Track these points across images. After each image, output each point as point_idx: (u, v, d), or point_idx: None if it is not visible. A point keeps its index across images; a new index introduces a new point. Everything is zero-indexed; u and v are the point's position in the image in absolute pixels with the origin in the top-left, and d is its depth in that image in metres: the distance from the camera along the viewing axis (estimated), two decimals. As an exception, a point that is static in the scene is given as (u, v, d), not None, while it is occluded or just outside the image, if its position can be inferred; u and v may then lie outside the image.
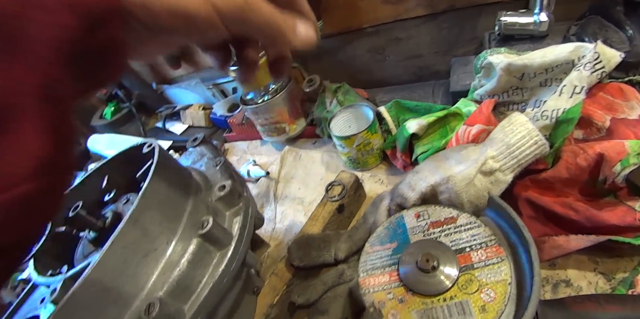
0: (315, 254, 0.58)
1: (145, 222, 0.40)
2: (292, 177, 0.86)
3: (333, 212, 0.64)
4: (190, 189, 0.48)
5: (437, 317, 0.39)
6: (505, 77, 0.63)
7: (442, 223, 0.46)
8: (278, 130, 0.92)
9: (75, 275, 0.37)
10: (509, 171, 0.50)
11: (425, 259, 0.41)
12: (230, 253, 0.44)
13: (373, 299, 0.42)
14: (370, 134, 0.74)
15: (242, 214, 0.48)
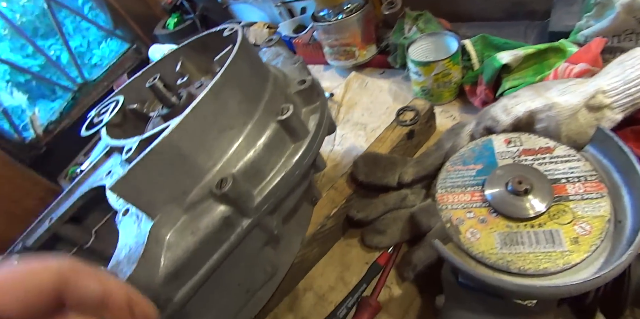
0: (380, 175, 0.56)
1: (226, 97, 0.38)
2: (356, 104, 0.82)
3: (402, 137, 0.61)
4: (268, 77, 0.45)
5: (522, 242, 0.36)
6: (624, 16, 0.56)
7: (536, 152, 0.42)
8: (347, 53, 0.87)
9: (152, 137, 0.36)
10: (619, 109, 0.44)
11: (518, 181, 0.38)
12: (305, 147, 0.42)
13: (451, 215, 0.39)
14: (452, 65, 0.68)
15: (319, 112, 0.45)
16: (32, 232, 0.53)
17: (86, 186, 0.53)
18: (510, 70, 0.61)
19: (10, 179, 1.22)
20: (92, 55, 1.51)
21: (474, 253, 0.36)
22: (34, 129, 1.32)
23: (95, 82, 1.41)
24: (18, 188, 1.23)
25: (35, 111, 1.35)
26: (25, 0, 1.38)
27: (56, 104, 1.40)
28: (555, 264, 0.34)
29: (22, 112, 1.35)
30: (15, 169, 1.23)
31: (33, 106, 1.37)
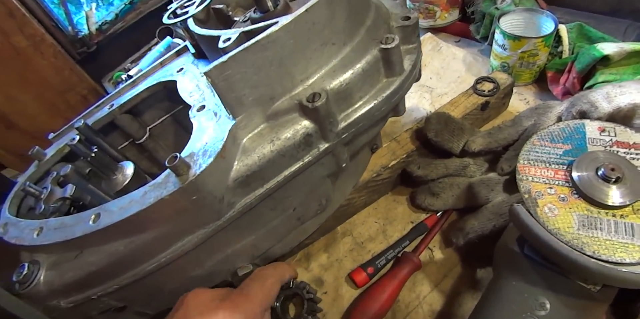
0: (448, 137, 0.54)
1: (336, 8, 0.36)
2: (426, 65, 0.79)
3: (476, 106, 0.58)
4: (370, 4, 0.42)
5: (600, 228, 0.34)
6: None
7: (630, 146, 0.39)
8: (427, 11, 0.83)
9: (255, 31, 0.34)
10: None
11: (611, 168, 0.36)
12: (398, 84, 0.40)
13: (530, 187, 0.38)
14: (543, 46, 0.65)
15: (415, 53, 0.43)
16: (92, 113, 0.53)
17: (153, 80, 0.52)
18: (608, 63, 0.58)
19: (59, 71, 1.22)
20: None
21: (549, 228, 0.35)
22: (87, 25, 1.31)
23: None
24: (65, 81, 1.24)
25: (92, 7, 1.33)
26: None
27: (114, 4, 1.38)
28: (631, 256, 0.32)
29: (80, 6, 1.33)
30: (66, 62, 1.24)
31: (91, 1, 1.35)
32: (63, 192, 0.46)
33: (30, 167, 0.52)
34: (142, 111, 0.54)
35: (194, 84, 0.44)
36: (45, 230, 0.37)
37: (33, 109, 1.22)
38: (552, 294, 0.34)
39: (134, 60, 1.31)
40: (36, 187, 0.46)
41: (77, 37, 1.29)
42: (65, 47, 1.25)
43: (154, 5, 1.39)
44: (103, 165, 0.45)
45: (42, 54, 1.19)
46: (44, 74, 1.20)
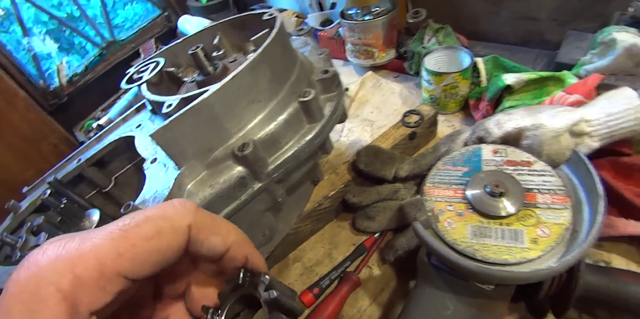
0: (379, 167, 0.61)
1: (259, 73, 0.44)
2: (368, 101, 0.88)
3: (404, 136, 0.66)
4: (296, 62, 0.51)
5: (489, 235, 0.42)
6: (623, 58, 0.61)
7: (517, 164, 0.48)
8: (367, 53, 0.93)
9: (192, 97, 0.41)
10: (598, 138, 0.51)
11: (495, 185, 0.44)
12: (318, 128, 0.48)
13: (434, 206, 0.45)
14: (462, 78, 0.74)
15: (335, 101, 0.51)
16: (61, 168, 0.59)
17: (115, 135, 0.58)
18: (512, 91, 0.67)
19: (31, 123, 1.28)
20: (115, 15, 1.54)
21: (447, 239, 0.42)
22: (59, 78, 1.37)
23: (124, 42, 1.46)
24: (37, 132, 1.29)
25: (63, 61, 1.39)
26: None
27: (84, 57, 1.45)
28: (514, 257, 0.40)
29: (51, 60, 1.40)
30: (38, 114, 1.29)
31: (62, 55, 1.42)
32: (37, 240, 0.51)
33: (6, 219, 0.58)
34: (107, 162, 0.60)
35: (148, 139, 0.51)
36: None
37: (6, 160, 1.25)
38: (454, 296, 0.41)
39: (104, 108, 1.37)
40: (12, 237, 0.51)
41: (48, 90, 1.35)
42: (37, 100, 1.31)
43: (123, 56, 1.47)
44: (72, 214, 0.51)
45: (15, 108, 1.24)
46: (17, 127, 1.25)
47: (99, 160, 0.59)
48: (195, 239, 0.25)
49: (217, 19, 1.24)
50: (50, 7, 1.39)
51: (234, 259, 0.27)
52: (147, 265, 0.22)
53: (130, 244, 0.22)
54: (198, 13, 1.34)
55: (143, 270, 0.22)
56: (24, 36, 1.34)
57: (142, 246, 0.22)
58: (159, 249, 0.23)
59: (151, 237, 0.22)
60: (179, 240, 0.24)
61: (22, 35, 1.33)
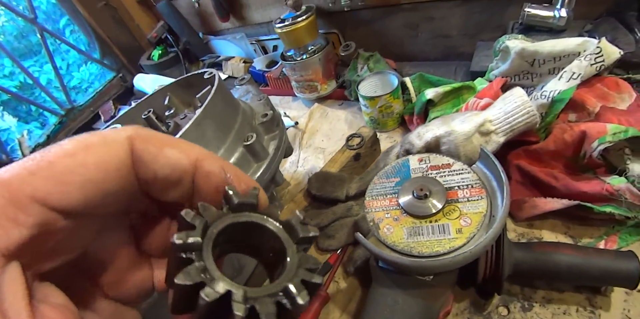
0: (330, 189, 0.68)
1: (205, 127, 0.51)
2: (317, 131, 0.96)
3: (350, 159, 0.74)
4: (238, 111, 0.58)
5: (422, 233, 0.49)
6: (518, 60, 0.71)
7: (440, 167, 0.55)
8: (310, 88, 1.01)
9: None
10: (502, 134, 0.59)
11: (420, 189, 0.51)
12: (265, 166, 0.55)
13: (374, 216, 0.52)
14: (393, 99, 0.83)
15: (277, 139, 0.58)
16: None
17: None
18: (434, 103, 0.76)
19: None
20: (71, 78, 1.58)
21: (388, 243, 0.49)
22: (21, 150, 1.41)
23: (82, 107, 1.51)
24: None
25: (24, 133, 1.44)
26: (5, 20, 1.44)
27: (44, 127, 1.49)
28: (444, 247, 0.47)
29: (11, 133, 1.44)
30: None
31: (22, 127, 1.46)
32: None
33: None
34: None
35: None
36: None
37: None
38: (402, 291, 0.48)
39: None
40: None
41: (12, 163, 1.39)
42: (0, 174, 1.34)
43: (83, 120, 1.52)
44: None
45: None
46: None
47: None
48: (142, 153, 0.18)
49: (171, 74, 1.33)
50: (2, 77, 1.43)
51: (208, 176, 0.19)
52: (73, 188, 0.16)
53: (47, 162, 0.16)
54: (151, 70, 1.42)
55: (68, 196, 0.16)
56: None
57: (62, 163, 0.16)
58: (85, 165, 0.16)
59: (74, 153, 0.16)
60: (116, 154, 0.17)
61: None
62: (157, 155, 0.18)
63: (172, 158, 0.18)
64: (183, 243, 0.16)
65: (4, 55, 1.40)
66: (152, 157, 0.18)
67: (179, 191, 0.19)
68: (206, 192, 0.20)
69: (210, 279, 0.16)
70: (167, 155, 0.18)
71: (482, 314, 0.55)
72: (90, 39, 1.52)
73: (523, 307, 0.54)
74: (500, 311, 0.55)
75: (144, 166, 0.18)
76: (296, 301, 0.17)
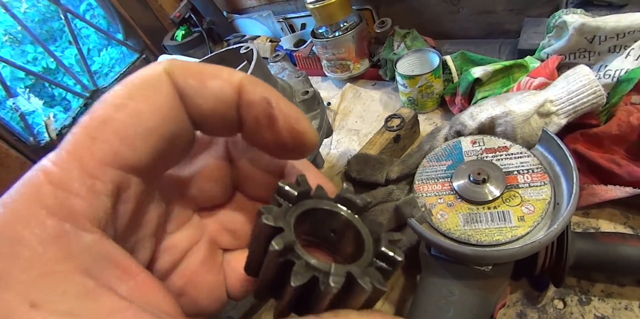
0: (370, 172, 0.65)
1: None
2: (350, 111, 0.92)
3: (389, 140, 0.70)
4: (277, 87, 0.54)
5: (480, 220, 0.45)
6: (576, 37, 0.65)
7: (496, 150, 0.51)
8: (342, 67, 0.97)
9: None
10: (564, 115, 0.54)
11: (477, 173, 0.47)
12: (308, 146, 0.51)
13: (425, 201, 0.49)
14: (434, 78, 0.78)
15: (319, 118, 0.55)
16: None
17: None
18: (481, 83, 0.71)
19: (27, 181, 1.31)
20: (92, 63, 1.58)
21: (442, 230, 0.45)
22: (48, 133, 1.41)
23: (107, 89, 1.50)
24: (34, 189, 1.32)
25: (50, 116, 1.43)
26: (27, 6, 1.46)
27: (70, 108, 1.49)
28: (505, 236, 0.43)
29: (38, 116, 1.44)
30: (31, 171, 1.32)
31: (49, 108, 1.46)
32: None
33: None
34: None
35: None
36: None
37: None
38: (457, 281, 0.45)
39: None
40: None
41: (39, 146, 1.38)
42: (30, 157, 1.34)
43: (107, 102, 1.51)
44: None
45: (8, 168, 1.27)
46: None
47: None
48: (183, 87, 0.17)
49: (195, 55, 1.30)
50: (26, 63, 1.43)
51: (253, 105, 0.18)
52: (138, 141, 0.15)
53: (101, 122, 0.15)
54: (175, 51, 1.39)
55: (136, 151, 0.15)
56: (9, 97, 1.38)
57: (117, 118, 0.15)
58: (139, 114, 0.15)
59: (123, 105, 0.15)
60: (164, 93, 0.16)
61: (6, 97, 1.38)
62: (200, 87, 0.17)
63: (215, 88, 0.17)
64: (283, 248, 0.16)
65: (27, 42, 1.40)
66: (194, 91, 0.17)
67: (227, 125, 0.18)
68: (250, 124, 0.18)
69: (323, 270, 0.16)
70: (211, 85, 0.17)
71: (536, 307, 0.52)
72: (114, 20, 1.49)
73: (580, 300, 0.51)
74: (556, 304, 0.51)
75: (189, 100, 0.17)
76: (395, 259, 0.18)
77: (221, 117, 0.18)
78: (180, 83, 0.16)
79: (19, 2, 1.42)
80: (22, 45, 1.46)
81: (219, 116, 0.18)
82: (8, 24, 1.40)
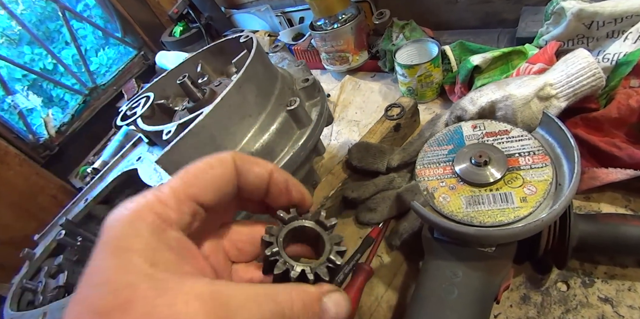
0: (371, 161, 0.65)
1: (246, 91, 0.47)
2: (350, 103, 0.92)
3: (390, 129, 0.70)
4: (277, 77, 0.54)
5: (482, 202, 0.45)
6: (574, 23, 0.65)
7: (497, 134, 0.51)
8: (341, 59, 0.97)
9: (187, 122, 0.45)
10: (564, 98, 0.55)
11: (479, 155, 0.47)
12: (309, 132, 0.51)
13: (427, 185, 0.49)
14: (433, 67, 0.78)
15: (319, 105, 0.55)
16: (70, 210, 0.62)
17: (117, 171, 0.62)
18: (480, 70, 0.71)
19: (26, 178, 1.30)
20: (90, 63, 1.58)
21: (445, 212, 0.45)
22: (47, 130, 1.41)
23: (105, 86, 1.50)
24: (33, 186, 1.32)
25: (49, 113, 1.43)
26: (23, 8, 1.45)
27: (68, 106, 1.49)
28: (508, 217, 0.43)
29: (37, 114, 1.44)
30: (31, 168, 1.32)
31: (47, 108, 1.46)
32: (56, 282, 0.53)
33: (22, 267, 0.60)
34: (114, 199, 0.63)
35: (151, 168, 0.54)
36: (49, 313, 0.43)
37: (6, 218, 1.27)
38: (461, 263, 0.45)
39: (96, 152, 1.41)
40: (32, 283, 0.54)
41: (38, 143, 1.39)
42: (29, 154, 1.34)
43: (106, 100, 1.51)
44: (89, 250, 0.54)
45: (7, 165, 1.27)
46: (13, 184, 1.27)
47: (106, 197, 0.62)
48: (241, 169, 0.27)
49: (193, 51, 1.30)
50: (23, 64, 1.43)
51: (279, 187, 0.29)
52: (209, 191, 0.26)
53: (192, 176, 0.25)
54: (173, 47, 1.39)
55: (208, 195, 0.25)
56: (7, 95, 1.38)
57: (201, 177, 0.26)
58: (214, 177, 0.26)
59: (205, 169, 0.26)
60: (228, 169, 0.26)
61: (4, 95, 1.38)
62: (249, 171, 0.27)
63: (258, 172, 0.28)
64: (271, 253, 0.26)
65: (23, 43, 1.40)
66: (246, 171, 0.27)
67: (260, 192, 0.29)
68: (273, 193, 0.29)
69: (291, 266, 0.26)
70: (255, 170, 0.28)
71: (539, 290, 0.52)
72: (112, 18, 1.49)
73: (584, 283, 0.51)
74: (560, 286, 0.51)
75: (242, 176, 0.27)
76: (336, 262, 0.27)
77: (257, 187, 0.28)
78: (239, 165, 0.27)
79: (15, 3, 1.42)
80: (18, 47, 1.46)
81: (256, 187, 0.28)
82: (5, 25, 1.40)
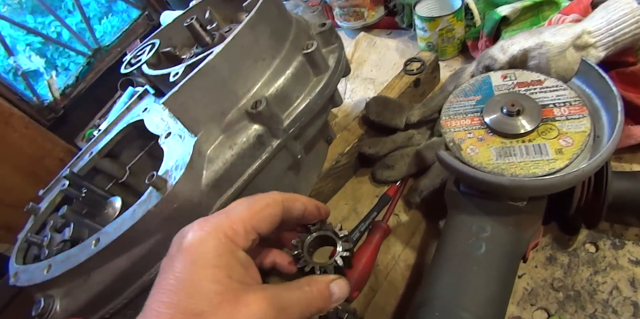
0: (389, 116, 0.61)
1: (258, 31, 0.44)
2: (365, 61, 0.87)
3: (409, 84, 0.66)
4: (292, 21, 0.50)
5: (514, 154, 0.42)
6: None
7: (529, 84, 0.47)
8: (356, 14, 0.92)
9: (196, 63, 0.41)
10: (603, 48, 0.50)
11: (511, 104, 0.44)
12: (326, 79, 0.48)
13: (453, 136, 0.45)
14: (456, 20, 0.73)
15: (337, 52, 0.51)
16: (75, 164, 0.60)
17: (123, 123, 0.59)
18: (508, 22, 0.66)
19: (32, 140, 1.28)
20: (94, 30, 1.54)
21: (473, 164, 0.42)
22: (51, 92, 1.38)
23: (109, 47, 1.45)
24: (39, 149, 1.30)
25: (52, 75, 1.40)
26: None
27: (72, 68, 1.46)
28: (542, 169, 0.40)
29: (41, 76, 1.40)
30: (36, 131, 1.30)
31: (50, 69, 1.42)
32: (62, 236, 0.51)
33: (27, 222, 0.58)
34: (119, 153, 0.60)
35: (158, 118, 0.51)
36: (54, 265, 0.42)
37: (13, 181, 1.26)
38: (489, 217, 0.42)
39: (102, 115, 1.38)
40: (37, 237, 0.51)
41: (43, 105, 1.36)
42: (34, 117, 1.32)
43: (110, 62, 1.47)
44: (94, 203, 0.51)
45: (13, 127, 1.25)
46: (19, 146, 1.26)
47: (111, 151, 0.59)
48: (287, 207, 0.35)
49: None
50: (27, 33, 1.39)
51: (312, 212, 0.38)
52: (265, 224, 0.33)
53: (255, 212, 0.33)
54: (178, 6, 1.33)
55: (264, 227, 0.33)
56: (9, 56, 1.34)
57: (261, 213, 0.33)
58: (270, 214, 0.34)
59: (264, 207, 0.33)
60: (279, 208, 0.34)
61: (6, 56, 1.34)
62: (293, 207, 0.36)
63: (298, 207, 0.36)
64: (297, 253, 0.36)
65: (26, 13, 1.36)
66: (290, 207, 0.35)
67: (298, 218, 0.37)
68: (306, 217, 0.38)
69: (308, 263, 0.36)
70: (297, 206, 0.36)
71: (566, 251, 0.49)
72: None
73: (614, 244, 0.48)
74: (588, 248, 0.49)
75: (287, 211, 0.35)
76: (339, 264, 0.36)
77: (298, 217, 0.36)
78: (285, 204, 0.35)
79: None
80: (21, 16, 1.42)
81: (297, 217, 0.36)
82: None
